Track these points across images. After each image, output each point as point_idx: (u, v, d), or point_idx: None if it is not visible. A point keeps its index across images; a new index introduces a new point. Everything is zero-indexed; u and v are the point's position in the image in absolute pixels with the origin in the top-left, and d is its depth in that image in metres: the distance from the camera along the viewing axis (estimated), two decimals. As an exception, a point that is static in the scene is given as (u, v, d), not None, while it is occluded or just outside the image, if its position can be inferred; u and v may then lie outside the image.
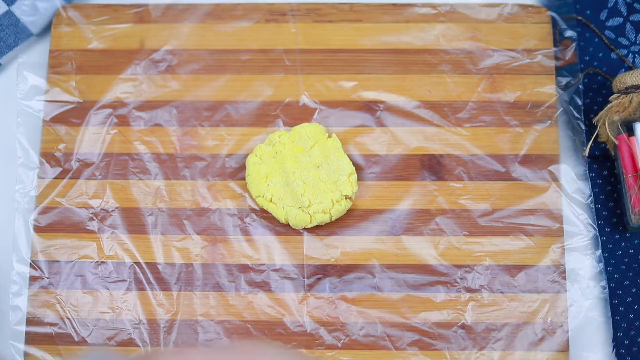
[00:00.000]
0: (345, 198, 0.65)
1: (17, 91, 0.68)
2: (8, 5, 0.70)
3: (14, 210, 0.67)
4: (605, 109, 0.65)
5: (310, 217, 0.65)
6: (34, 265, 0.66)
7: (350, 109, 0.68)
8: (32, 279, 0.65)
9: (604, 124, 0.65)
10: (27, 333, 0.65)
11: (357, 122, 0.68)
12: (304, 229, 0.66)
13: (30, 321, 0.65)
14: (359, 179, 0.67)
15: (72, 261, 0.66)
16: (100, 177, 0.67)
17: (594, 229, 0.66)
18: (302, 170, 0.66)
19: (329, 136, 0.67)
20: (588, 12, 0.70)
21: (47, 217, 0.66)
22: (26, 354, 0.64)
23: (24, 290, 0.65)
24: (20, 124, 0.69)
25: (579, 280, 0.65)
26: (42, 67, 0.70)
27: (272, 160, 0.66)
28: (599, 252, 0.65)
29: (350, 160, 0.66)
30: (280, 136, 0.67)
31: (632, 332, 0.64)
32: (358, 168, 0.67)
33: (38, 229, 0.66)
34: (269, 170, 0.66)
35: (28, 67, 0.69)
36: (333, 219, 0.65)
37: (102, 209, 0.67)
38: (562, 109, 0.68)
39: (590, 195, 0.66)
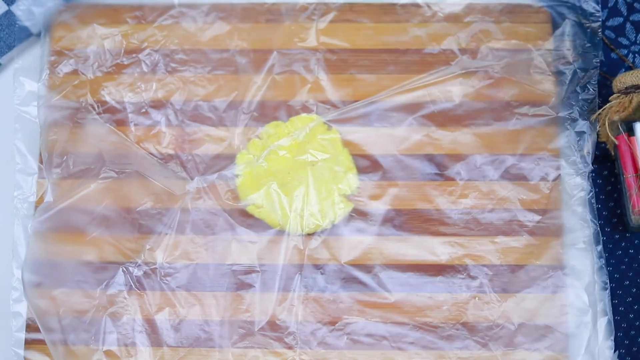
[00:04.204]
0: (346, 199, 0.65)
1: (14, 97, 0.68)
2: (8, 5, 0.69)
3: (13, 216, 0.66)
4: (605, 108, 0.66)
5: (306, 223, 0.65)
6: (34, 271, 0.65)
7: (349, 109, 0.68)
8: (32, 285, 0.65)
9: (604, 124, 0.66)
10: (27, 339, 0.64)
11: (356, 121, 0.68)
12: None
13: (30, 327, 0.64)
14: (359, 178, 0.67)
15: (73, 266, 0.65)
16: (99, 180, 0.66)
17: (595, 224, 0.66)
18: (298, 167, 0.65)
19: (329, 128, 0.67)
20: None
21: (46, 222, 0.65)
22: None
23: (24, 296, 0.65)
24: (18, 130, 0.68)
25: (579, 278, 0.65)
26: (40, 71, 0.69)
27: (265, 159, 0.66)
28: (600, 247, 0.66)
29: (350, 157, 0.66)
30: (276, 126, 0.66)
31: (632, 332, 0.65)
32: (358, 168, 0.67)
33: (37, 235, 0.65)
34: (260, 172, 0.65)
35: (24, 73, 0.69)
36: (335, 222, 0.65)
37: (102, 212, 0.66)
38: (562, 107, 0.68)
39: (590, 192, 0.66)
